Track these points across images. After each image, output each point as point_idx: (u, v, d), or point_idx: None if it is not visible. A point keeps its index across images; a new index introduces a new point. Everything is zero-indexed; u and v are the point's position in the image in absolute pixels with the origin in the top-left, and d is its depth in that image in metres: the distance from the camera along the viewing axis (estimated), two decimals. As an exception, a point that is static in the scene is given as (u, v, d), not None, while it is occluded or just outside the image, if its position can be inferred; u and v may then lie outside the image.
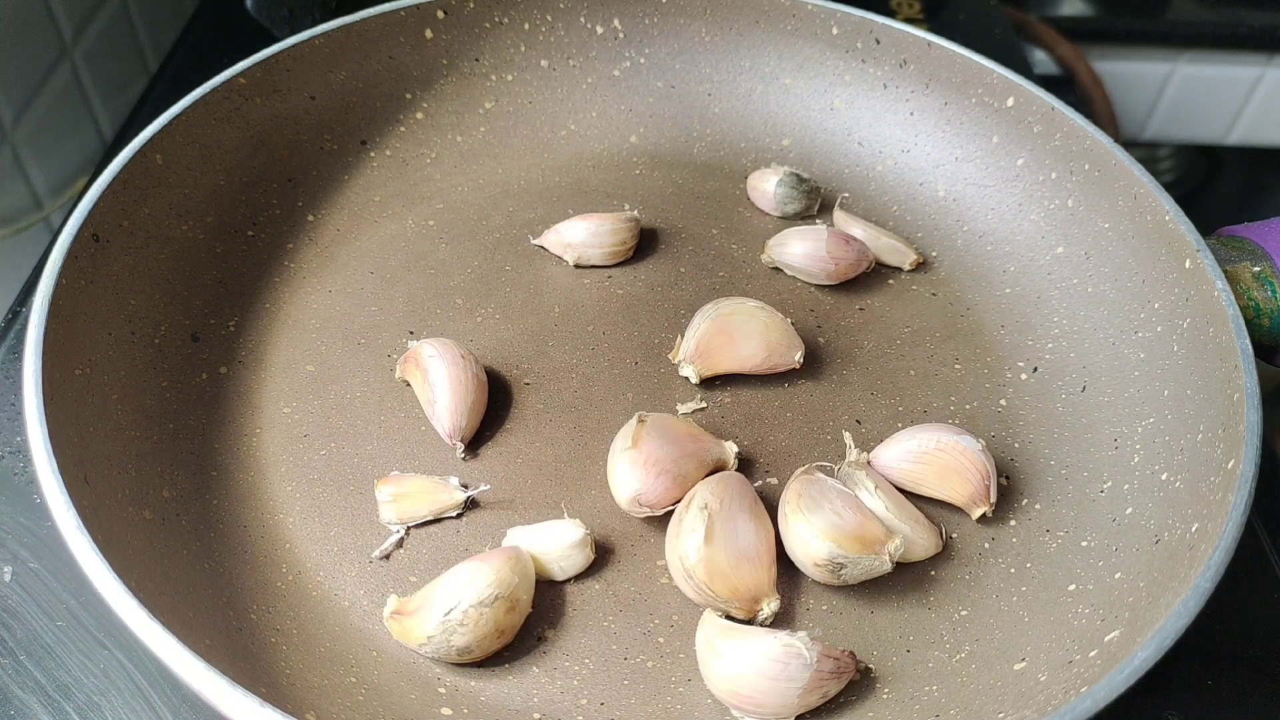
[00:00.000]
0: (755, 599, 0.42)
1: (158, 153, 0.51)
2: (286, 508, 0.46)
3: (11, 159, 0.64)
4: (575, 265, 0.57)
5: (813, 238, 0.56)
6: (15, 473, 0.48)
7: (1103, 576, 0.44)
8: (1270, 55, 1.00)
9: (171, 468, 0.45)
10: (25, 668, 0.42)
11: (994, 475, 0.46)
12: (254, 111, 0.56)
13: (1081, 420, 0.50)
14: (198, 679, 0.34)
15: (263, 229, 0.56)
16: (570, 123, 0.64)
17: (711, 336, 0.50)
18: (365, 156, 0.61)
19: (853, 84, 0.63)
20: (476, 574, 0.41)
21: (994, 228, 0.59)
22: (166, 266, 0.51)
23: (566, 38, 0.64)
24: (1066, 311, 0.54)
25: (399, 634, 0.41)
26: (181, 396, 0.48)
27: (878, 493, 0.45)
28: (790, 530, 0.43)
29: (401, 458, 0.48)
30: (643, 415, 0.46)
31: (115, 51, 0.72)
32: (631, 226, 0.57)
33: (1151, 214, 0.52)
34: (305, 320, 0.53)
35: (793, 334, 0.51)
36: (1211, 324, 0.47)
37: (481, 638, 0.40)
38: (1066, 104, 0.57)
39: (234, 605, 0.42)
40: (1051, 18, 1.02)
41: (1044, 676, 0.40)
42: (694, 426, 0.47)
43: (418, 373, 0.49)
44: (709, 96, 0.65)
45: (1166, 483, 0.45)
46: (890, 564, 0.42)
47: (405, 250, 0.57)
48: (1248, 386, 0.44)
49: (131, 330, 0.48)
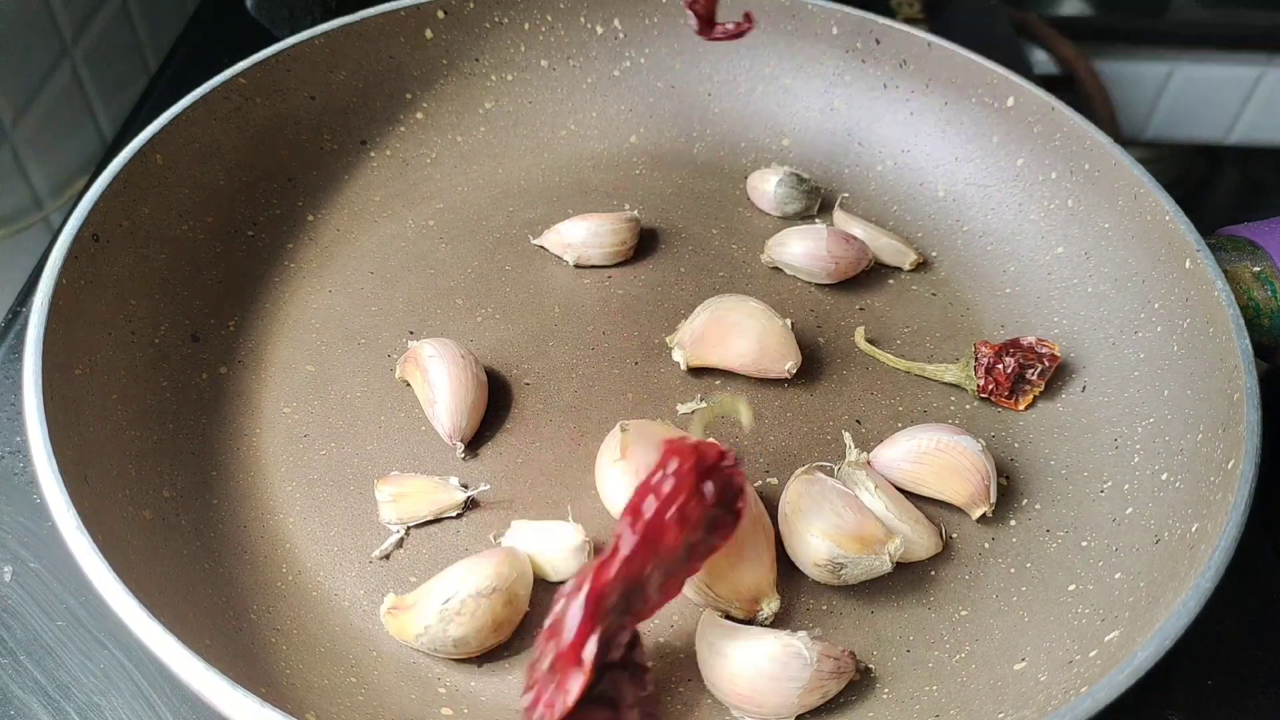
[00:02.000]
0: (755, 599, 0.42)
1: (158, 153, 0.51)
2: (286, 508, 0.46)
3: (11, 159, 0.64)
4: (575, 265, 0.57)
5: (813, 237, 0.56)
6: (15, 472, 0.48)
7: (1103, 576, 0.44)
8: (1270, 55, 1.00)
9: (171, 468, 0.45)
10: (25, 668, 0.42)
11: (994, 476, 0.46)
12: (254, 111, 0.56)
13: (1082, 420, 0.50)
14: (198, 679, 0.34)
15: (263, 229, 0.56)
16: (570, 123, 0.64)
17: (708, 328, 0.50)
18: (365, 156, 0.61)
19: (853, 84, 0.63)
20: (475, 567, 0.41)
21: (994, 228, 0.59)
22: (166, 266, 0.51)
23: (566, 38, 0.64)
24: (1066, 311, 0.54)
25: (395, 629, 0.41)
26: (181, 396, 0.48)
27: (878, 492, 0.45)
28: (790, 530, 0.43)
29: (401, 458, 0.48)
30: (624, 424, 0.46)
31: (115, 51, 0.72)
32: (631, 226, 0.57)
33: (1152, 214, 0.52)
34: (305, 320, 0.53)
35: (791, 343, 0.51)
36: (1212, 324, 0.47)
37: (478, 629, 0.40)
38: (1067, 104, 0.57)
39: (234, 605, 0.42)
40: (1052, 17, 1.02)
41: (1044, 676, 0.40)
42: (675, 429, 0.47)
43: (417, 373, 0.49)
44: (709, 96, 0.65)
45: (1167, 483, 0.45)
46: (890, 564, 0.42)
47: (405, 250, 0.57)
48: (1248, 386, 0.44)
49: (131, 330, 0.48)
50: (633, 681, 0.36)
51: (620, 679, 0.36)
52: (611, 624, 0.35)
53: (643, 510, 0.36)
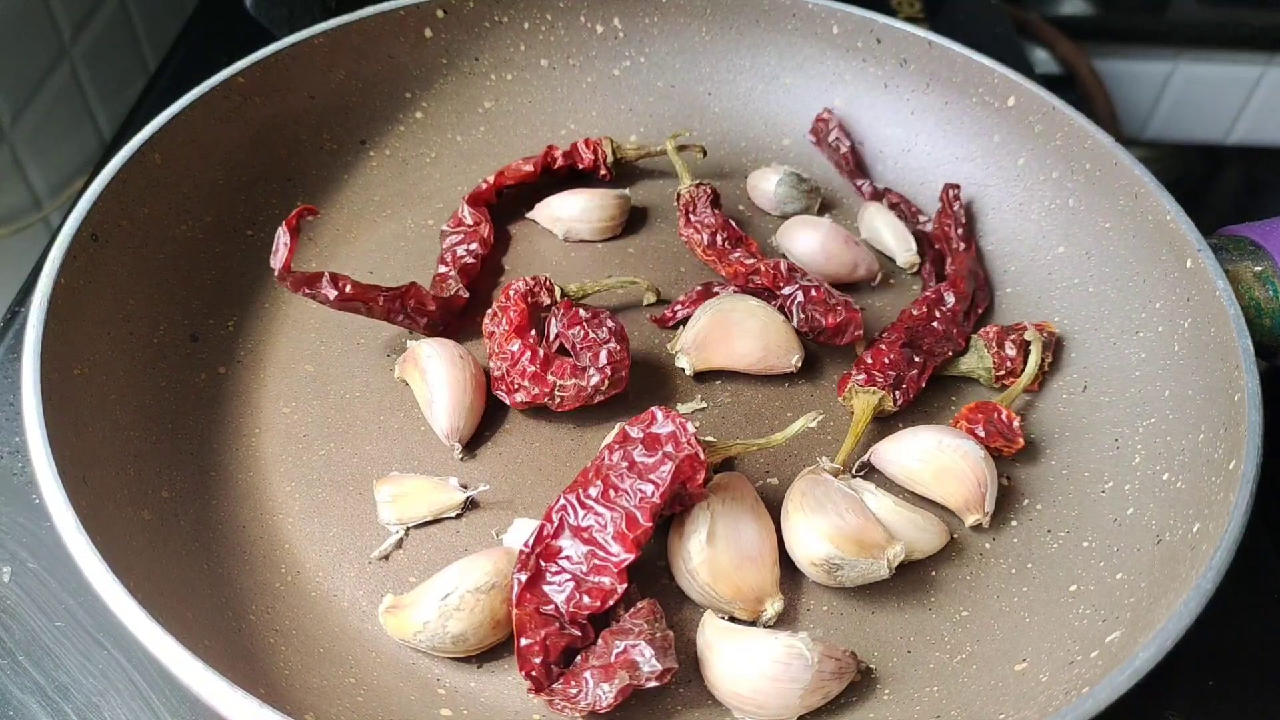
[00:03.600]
0: (759, 599, 0.42)
1: (156, 152, 0.51)
2: (285, 508, 0.46)
3: (10, 159, 0.64)
4: (564, 239, 0.58)
5: (813, 229, 0.56)
6: (14, 473, 0.48)
7: (1104, 577, 0.44)
8: (1271, 55, 1.00)
9: (170, 468, 0.45)
10: (24, 668, 0.42)
11: (993, 485, 0.46)
12: (253, 111, 0.56)
13: (1082, 420, 0.50)
14: (197, 680, 0.34)
15: (262, 229, 0.56)
16: (570, 122, 0.64)
17: (710, 331, 0.50)
18: (365, 156, 0.61)
19: (853, 83, 0.63)
20: (474, 563, 0.41)
21: (994, 227, 0.59)
22: (165, 266, 0.51)
23: (566, 37, 0.64)
24: (1067, 311, 0.54)
25: (393, 627, 0.41)
26: (180, 396, 0.48)
27: (879, 491, 0.45)
28: (791, 528, 0.43)
29: (401, 458, 0.48)
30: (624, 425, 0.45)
31: (114, 51, 0.72)
32: (621, 204, 0.58)
33: (1153, 214, 0.51)
34: (305, 320, 0.53)
35: (792, 337, 0.51)
36: (1213, 324, 0.47)
37: (477, 625, 0.40)
38: (1067, 103, 0.56)
39: (233, 606, 0.41)
40: (1053, 17, 1.02)
41: (1045, 677, 0.40)
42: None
43: (416, 373, 0.49)
44: (709, 96, 0.65)
45: (1168, 483, 0.45)
46: (889, 570, 0.42)
47: (405, 250, 0.57)
48: (1249, 386, 0.43)
49: (130, 330, 0.48)
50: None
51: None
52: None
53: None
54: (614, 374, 0.48)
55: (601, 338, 0.48)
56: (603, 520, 0.40)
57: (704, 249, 0.54)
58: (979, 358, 0.52)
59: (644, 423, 0.42)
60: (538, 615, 0.39)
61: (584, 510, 0.41)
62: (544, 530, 0.41)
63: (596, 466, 0.42)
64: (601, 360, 0.48)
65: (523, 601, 0.39)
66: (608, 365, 0.47)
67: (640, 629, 0.39)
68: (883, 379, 0.49)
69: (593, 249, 0.58)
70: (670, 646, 0.39)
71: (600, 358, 0.48)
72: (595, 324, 0.49)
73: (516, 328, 0.48)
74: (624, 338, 0.49)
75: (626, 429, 0.42)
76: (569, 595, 0.40)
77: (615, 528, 0.40)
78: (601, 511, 0.40)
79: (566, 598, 0.40)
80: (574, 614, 0.39)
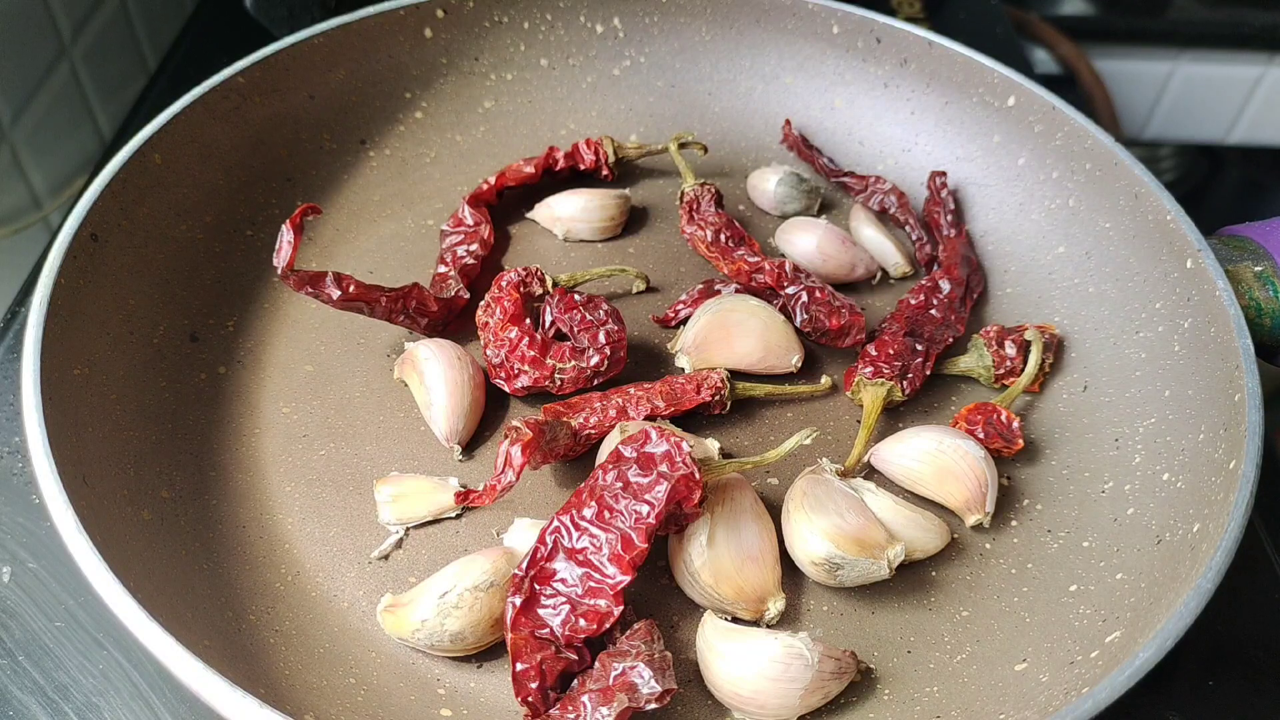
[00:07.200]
0: (761, 599, 0.42)
1: (156, 152, 0.51)
2: (285, 508, 0.46)
3: (10, 158, 0.64)
4: (564, 239, 0.58)
5: (811, 230, 0.56)
6: (14, 473, 0.48)
7: (1104, 577, 0.44)
8: (1271, 55, 1.00)
9: (170, 468, 0.45)
10: (24, 668, 0.42)
11: (994, 485, 0.46)
12: (253, 111, 0.56)
13: (1083, 420, 0.50)
14: (197, 680, 0.34)
15: (262, 229, 0.56)
16: (570, 122, 0.64)
17: (710, 331, 0.50)
18: (364, 156, 0.61)
19: (853, 83, 0.63)
20: (473, 562, 0.41)
21: (995, 227, 0.59)
22: (165, 266, 0.51)
23: (566, 37, 0.64)
24: (1068, 311, 0.54)
25: (392, 626, 0.41)
26: (180, 396, 0.48)
27: (880, 491, 0.45)
28: (792, 527, 0.43)
29: (401, 458, 0.48)
30: (624, 425, 0.45)
31: (114, 51, 0.72)
32: (621, 203, 0.58)
33: (1153, 213, 0.51)
34: (304, 320, 0.53)
35: (793, 337, 0.51)
36: (1213, 324, 0.47)
37: (475, 623, 0.40)
38: (1068, 103, 0.56)
39: (233, 606, 0.41)
40: (1053, 17, 1.02)
41: (1045, 677, 0.40)
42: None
43: (414, 375, 0.49)
44: (709, 95, 0.65)
45: (1168, 483, 0.45)
46: (889, 571, 0.42)
47: (405, 250, 0.57)
48: (1249, 386, 0.43)
49: (130, 330, 0.48)
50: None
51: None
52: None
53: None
54: (613, 354, 0.48)
55: (599, 319, 0.49)
56: (598, 542, 0.39)
57: (707, 246, 0.54)
58: (979, 357, 0.52)
59: (638, 442, 0.41)
60: (533, 639, 0.38)
61: (578, 532, 0.40)
62: (538, 553, 0.40)
63: (590, 487, 0.41)
64: (600, 340, 0.48)
65: (517, 625, 0.38)
66: (606, 345, 0.48)
67: (638, 650, 0.38)
68: (889, 370, 0.50)
69: (593, 249, 0.58)
70: (669, 667, 0.38)
71: (599, 338, 0.48)
72: (591, 307, 0.49)
73: (511, 316, 0.48)
74: (620, 319, 0.49)
75: (620, 448, 0.41)
76: (564, 619, 0.39)
77: (611, 549, 0.39)
78: (596, 533, 0.40)
79: (562, 621, 0.39)
80: (570, 637, 0.38)
